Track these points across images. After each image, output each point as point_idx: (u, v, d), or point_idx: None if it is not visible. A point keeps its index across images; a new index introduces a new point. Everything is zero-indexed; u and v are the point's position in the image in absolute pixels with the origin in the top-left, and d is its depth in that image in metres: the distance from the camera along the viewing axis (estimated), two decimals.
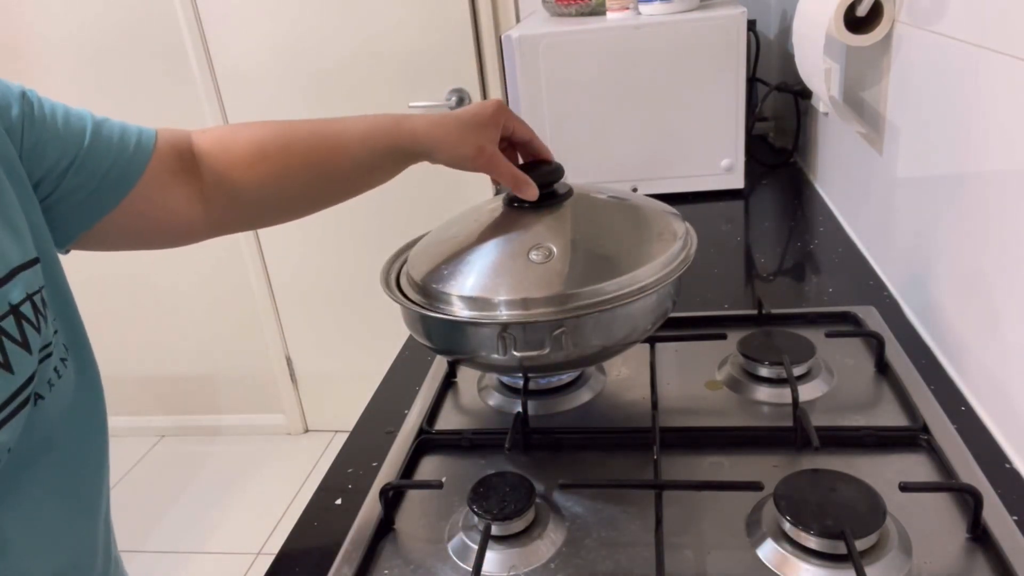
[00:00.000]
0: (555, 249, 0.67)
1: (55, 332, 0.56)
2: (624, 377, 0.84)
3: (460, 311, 0.67)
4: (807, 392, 0.76)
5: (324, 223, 2.22)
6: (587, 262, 0.68)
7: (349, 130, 0.69)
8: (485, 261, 0.69)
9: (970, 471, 0.63)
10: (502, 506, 0.62)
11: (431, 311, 0.67)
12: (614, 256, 0.69)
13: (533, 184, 0.71)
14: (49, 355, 0.54)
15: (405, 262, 0.76)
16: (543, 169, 0.73)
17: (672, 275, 0.68)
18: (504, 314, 0.65)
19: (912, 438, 0.68)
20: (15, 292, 0.51)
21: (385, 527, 0.66)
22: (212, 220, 0.68)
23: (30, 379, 0.51)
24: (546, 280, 0.65)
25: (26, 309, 0.52)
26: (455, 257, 0.71)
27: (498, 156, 0.70)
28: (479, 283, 0.67)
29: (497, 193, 0.75)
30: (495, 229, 0.72)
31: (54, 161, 0.57)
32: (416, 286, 0.71)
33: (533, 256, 0.67)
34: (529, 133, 0.75)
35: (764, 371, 0.78)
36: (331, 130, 0.69)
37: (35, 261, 0.54)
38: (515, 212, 0.73)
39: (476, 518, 0.62)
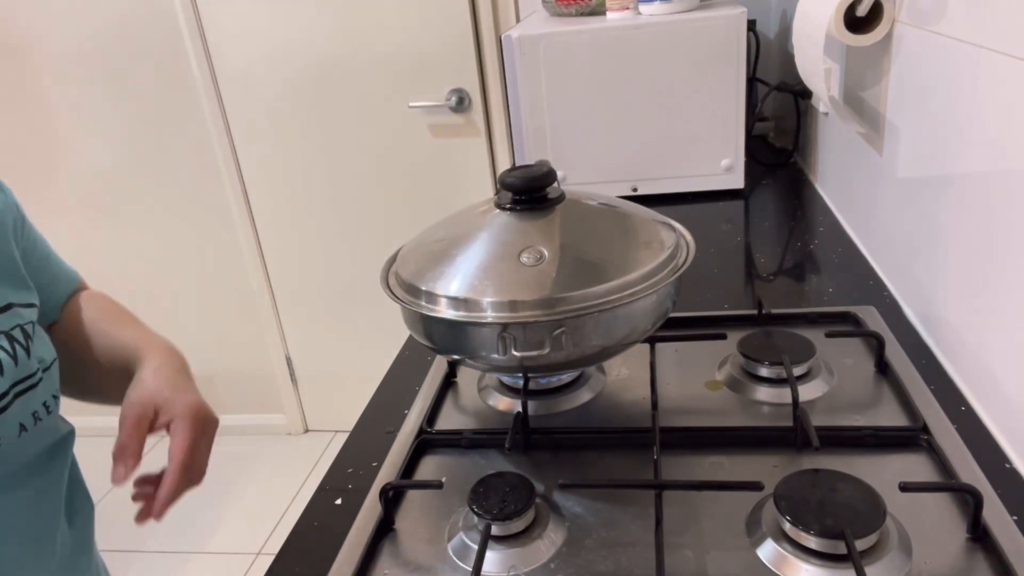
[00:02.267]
0: (546, 252, 0.68)
1: (46, 370, 0.62)
2: (624, 377, 0.84)
3: (446, 310, 0.67)
4: (807, 392, 0.76)
5: (324, 223, 2.22)
6: (575, 267, 0.68)
7: (115, 345, 0.74)
8: (474, 262, 0.69)
9: (970, 471, 0.63)
10: (502, 506, 0.62)
11: (433, 311, 0.67)
12: (600, 262, 0.69)
13: (123, 468, 0.63)
14: (34, 386, 0.60)
15: None
16: (533, 172, 0.73)
17: (660, 283, 0.68)
18: (504, 314, 0.65)
19: (912, 438, 0.68)
20: (6, 322, 0.60)
21: (385, 527, 0.66)
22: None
23: (12, 387, 0.58)
24: (538, 283, 0.66)
25: (16, 333, 0.60)
26: (445, 258, 0.71)
27: (130, 420, 0.62)
28: (466, 284, 0.67)
29: (497, 193, 0.75)
30: (486, 231, 0.73)
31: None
32: (405, 285, 0.71)
33: (524, 259, 0.67)
34: (180, 447, 0.62)
35: (764, 371, 0.78)
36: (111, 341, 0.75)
37: (33, 305, 0.64)
38: (506, 215, 0.73)
39: (476, 518, 0.62)
